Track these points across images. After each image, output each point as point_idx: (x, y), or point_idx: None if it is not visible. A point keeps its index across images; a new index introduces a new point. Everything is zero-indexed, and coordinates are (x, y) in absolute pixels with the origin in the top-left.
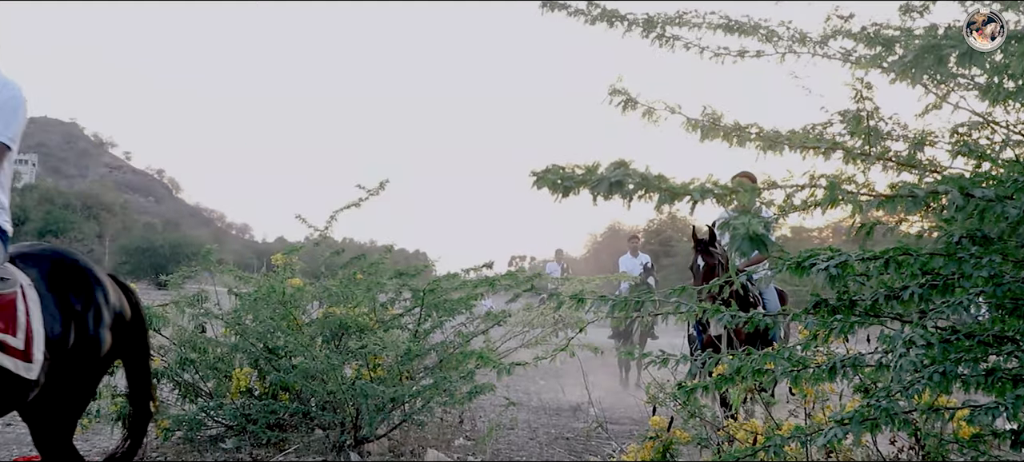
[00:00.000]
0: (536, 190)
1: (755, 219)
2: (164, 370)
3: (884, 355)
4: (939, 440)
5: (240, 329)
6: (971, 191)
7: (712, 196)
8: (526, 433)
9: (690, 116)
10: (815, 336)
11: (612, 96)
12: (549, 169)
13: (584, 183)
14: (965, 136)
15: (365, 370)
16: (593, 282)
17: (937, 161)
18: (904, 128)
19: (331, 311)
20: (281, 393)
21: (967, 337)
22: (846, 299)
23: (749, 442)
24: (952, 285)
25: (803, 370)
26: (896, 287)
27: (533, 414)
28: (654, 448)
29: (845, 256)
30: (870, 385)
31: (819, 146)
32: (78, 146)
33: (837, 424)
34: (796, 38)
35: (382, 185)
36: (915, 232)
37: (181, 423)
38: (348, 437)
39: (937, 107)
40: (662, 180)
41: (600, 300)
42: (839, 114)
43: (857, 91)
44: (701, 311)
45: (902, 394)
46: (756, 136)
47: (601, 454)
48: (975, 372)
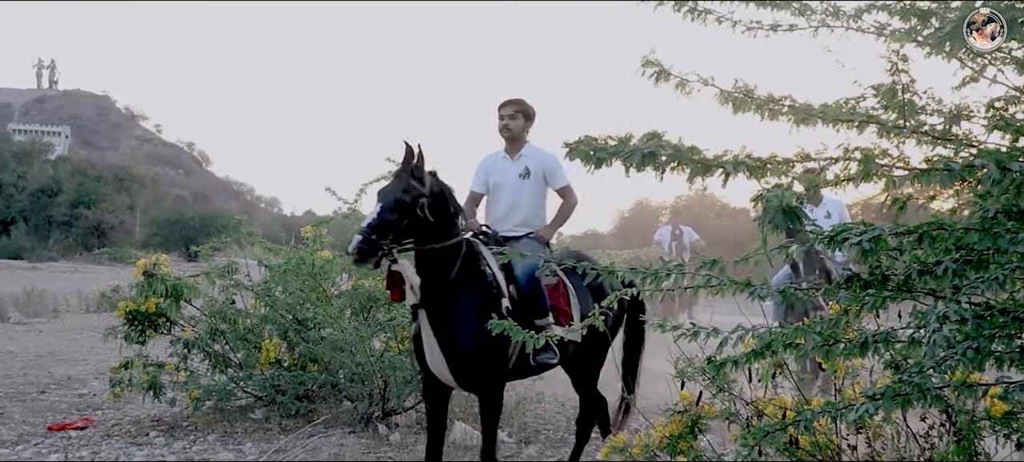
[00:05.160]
0: (568, 162)
1: (788, 192)
2: (195, 340)
3: (916, 331)
4: (971, 417)
5: (270, 300)
6: (1008, 165)
7: (745, 169)
8: (553, 407)
9: (723, 88)
10: (846, 311)
11: (645, 67)
12: (582, 140)
13: (617, 154)
14: (1002, 110)
15: (393, 342)
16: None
17: (973, 135)
18: (939, 102)
19: (360, 283)
20: (310, 364)
21: (1001, 313)
22: (878, 274)
23: (779, 417)
24: (987, 261)
25: (834, 345)
26: (929, 262)
27: (560, 387)
28: (682, 422)
29: (878, 230)
30: (901, 361)
31: (853, 120)
32: (110, 119)
33: (868, 399)
34: (830, 12)
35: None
36: (948, 208)
37: (211, 393)
38: (376, 409)
39: (974, 80)
40: (695, 151)
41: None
42: (873, 88)
43: (893, 63)
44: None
45: (935, 370)
46: (789, 109)
47: (628, 428)
48: (1009, 348)
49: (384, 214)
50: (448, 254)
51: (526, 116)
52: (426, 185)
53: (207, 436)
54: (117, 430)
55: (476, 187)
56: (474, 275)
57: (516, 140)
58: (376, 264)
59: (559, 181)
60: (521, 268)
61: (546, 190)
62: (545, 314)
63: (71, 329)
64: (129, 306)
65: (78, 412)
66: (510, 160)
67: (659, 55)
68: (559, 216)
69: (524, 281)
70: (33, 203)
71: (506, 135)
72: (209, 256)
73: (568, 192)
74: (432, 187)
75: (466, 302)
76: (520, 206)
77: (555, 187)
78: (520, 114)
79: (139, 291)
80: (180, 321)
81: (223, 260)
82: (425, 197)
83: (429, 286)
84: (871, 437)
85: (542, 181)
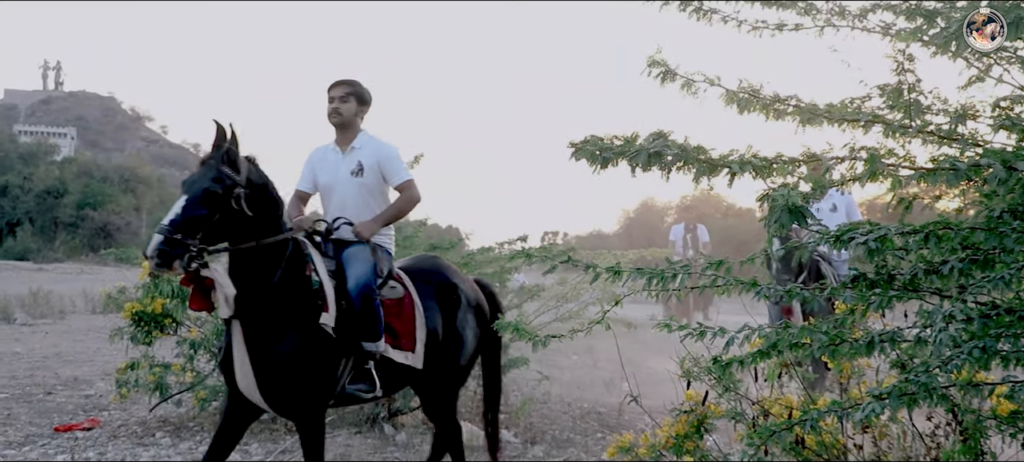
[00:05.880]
0: (574, 161)
1: (794, 191)
2: (201, 341)
3: (922, 330)
4: (977, 416)
5: None
6: (1014, 164)
7: (751, 168)
8: (559, 407)
9: (728, 88)
10: (853, 310)
11: (651, 67)
12: (587, 140)
13: (622, 154)
14: (1007, 110)
15: None
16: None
17: (979, 134)
18: (945, 102)
19: None
20: None
21: (1008, 312)
22: (885, 273)
23: (784, 416)
24: (993, 260)
25: (841, 345)
26: (936, 262)
27: (566, 388)
28: (688, 422)
29: (884, 229)
30: (907, 360)
31: (859, 119)
32: (116, 120)
33: (875, 399)
34: (835, 11)
35: (417, 159)
36: (954, 208)
37: (218, 393)
38: (382, 409)
39: (980, 80)
40: (701, 151)
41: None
42: (879, 88)
43: (899, 63)
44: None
45: (941, 369)
46: (795, 108)
47: (634, 428)
48: (1015, 348)
49: (191, 208)
50: (270, 255)
51: (360, 100)
52: (242, 173)
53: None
54: (123, 431)
55: (302, 186)
56: (299, 282)
57: (348, 128)
58: (184, 269)
59: (398, 176)
60: (355, 279)
61: (385, 188)
62: (376, 337)
63: (77, 330)
64: (135, 307)
65: (84, 413)
66: (340, 154)
67: (665, 55)
68: (391, 210)
69: (355, 294)
70: (39, 204)
71: (335, 120)
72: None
73: (408, 188)
74: (250, 176)
75: (286, 313)
76: (350, 208)
77: (394, 183)
78: (352, 97)
79: (145, 292)
80: (186, 322)
81: None
82: (241, 188)
83: (245, 294)
84: (877, 436)
85: (378, 178)
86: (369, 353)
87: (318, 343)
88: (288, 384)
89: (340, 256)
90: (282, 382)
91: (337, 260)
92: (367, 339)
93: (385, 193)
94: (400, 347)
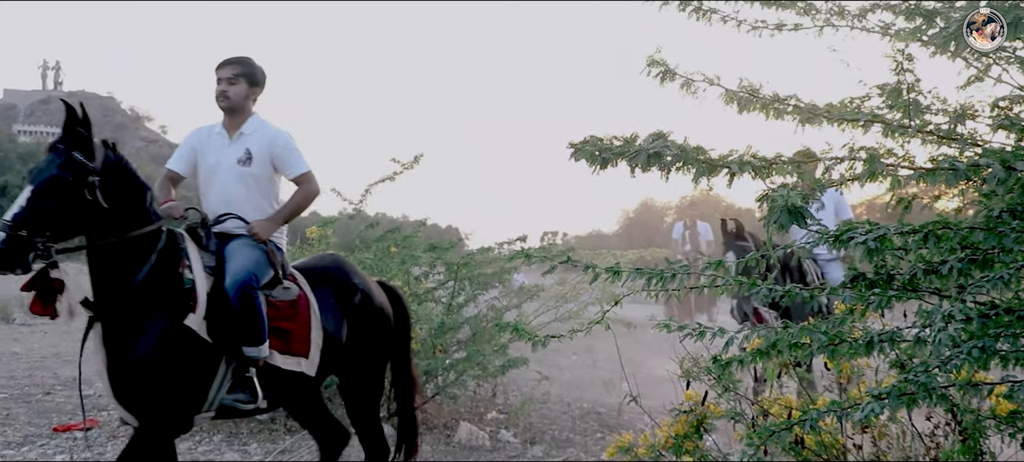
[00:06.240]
0: (574, 162)
1: (793, 191)
2: None
3: (922, 330)
4: (976, 416)
5: None
6: (1013, 164)
7: (750, 169)
8: (559, 407)
9: (728, 88)
10: (852, 311)
11: (650, 67)
12: (587, 140)
13: (622, 155)
14: (1007, 110)
15: None
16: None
17: (978, 134)
18: (944, 102)
19: None
20: None
21: (1007, 312)
22: (884, 273)
23: (784, 416)
24: (992, 260)
25: (840, 345)
26: (935, 261)
27: (565, 388)
28: (688, 422)
29: (884, 229)
30: (906, 360)
31: (858, 119)
32: (115, 120)
33: (874, 399)
34: (835, 11)
35: (416, 159)
36: (953, 208)
37: None
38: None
39: (979, 80)
40: (700, 151)
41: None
42: (878, 87)
43: (898, 63)
44: (738, 286)
45: (940, 369)
46: (794, 108)
47: (634, 428)
48: (1015, 347)
49: (37, 200)
50: (136, 250)
51: (251, 81)
52: (97, 158)
53: (213, 437)
54: (123, 431)
55: (176, 166)
56: (169, 279)
57: (237, 112)
58: (26, 270)
59: (294, 167)
60: (233, 275)
61: (277, 180)
62: (259, 341)
63: (77, 330)
64: None
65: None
66: (227, 138)
67: (664, 55)
68: (289, 206)
69: (234, 293)
70: None
71: (223, 104)
72: None
73: (307, 181)
74: (106, 160)
75: (149, 314)
76: (235, 201)
77: (290, 175)
78: (243, 78)
79: None
80: None
81: None
82: (94, 175)
83: (104, 293)
84: (876, 436)
85: (268, 168)
86: (250, 359)
87: (182, 347)
88: (143, 391)
89: (223, 251)
90: (137, 388)
91: (219, 255)
92: (248, 343)
93: (275, 185)
94: (290, 352)
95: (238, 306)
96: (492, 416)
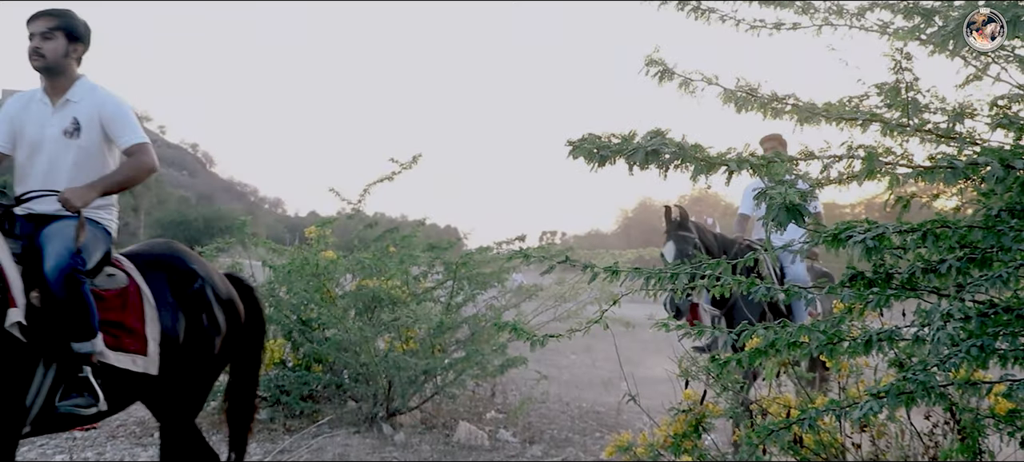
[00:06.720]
0: (572, 160)
1: (792, 188)
2: None
3: (920, 329)
4: (975, 415)
5: (274, 301)
6: (1012, 163)
7: (748, 167)
8: (557, 406)
9: (726, 87)
10: (850, 310)
11: (648, 66)
12: (585, 138)
13: (620, 152)
14: (1005, 108)
15: (398, 342)
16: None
17: (977, 133)
18: (942, 100)
19: (364, 283)
20: (314, 365)
21: (1005, 311)
22: (882, 272)
23: (782, 415)
24: (990, 258)
25: (838, 343)
26: (933, 260)
27: (564, 388)
28: (686, 421)
29: (882, 228)
30: (905, 359)
31: (856, 118)
32: None
33: (873, 397)
34: (833, 10)
35: (415, 159)
36: (952, 207)
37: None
38: (380, 409)
39: (977, 79)
40: (698, 149)
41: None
42: (876, 86)
43: (896, 61)
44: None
45: (939, 368)
46: (792, 107)
47: (633, 427)
48: (1013, 346)
49: None
50: None
51: (71, 35)
52: None
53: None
54: (122, 431)
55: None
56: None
57: (57, 73)
58: None
59: (128, 136)
60: (54, 259)
61: (111, 152)
62: (89, 334)
63: None
64: None
65: None
66: (50, 106)
67: (663, 54)
68: (116, 177)
69: (54, 279)
70: None
71: (37, 64)
72: (213, 257)
73: (140, 152)
74: None
75: None
76: (61, 175)
77: (122, 145)
78: (60, 31)
79: None
80: None
81: (227, 261)
82: None
83: None
84: (875, 435)
85: (99, 138)
86: (82, 356)
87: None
88: None
89: (38, 236)
90: None
91: (31, 240)
92: (77, 338)
93: (109, 159)
94: (124, 349)
95: (63, 293)
96: (491, 416)
